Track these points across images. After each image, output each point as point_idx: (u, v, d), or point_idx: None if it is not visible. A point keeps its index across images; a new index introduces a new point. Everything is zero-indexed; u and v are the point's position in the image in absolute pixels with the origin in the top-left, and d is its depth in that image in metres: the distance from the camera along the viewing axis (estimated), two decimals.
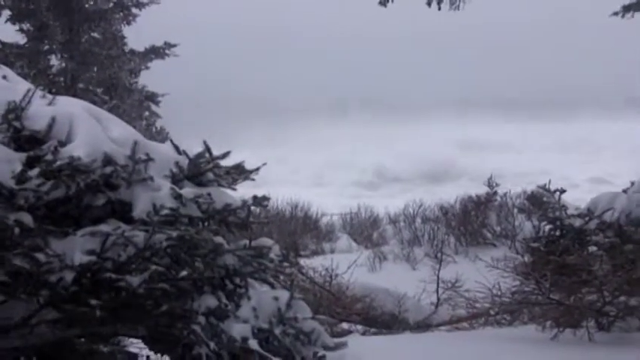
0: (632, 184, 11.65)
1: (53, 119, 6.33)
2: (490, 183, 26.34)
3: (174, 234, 6.17)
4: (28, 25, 28.70)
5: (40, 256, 5.74)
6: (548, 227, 11.04)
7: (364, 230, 30.96)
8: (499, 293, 11.77)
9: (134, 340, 7.36)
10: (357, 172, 60.88)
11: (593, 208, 10.80)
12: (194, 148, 7.02)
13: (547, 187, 11.19)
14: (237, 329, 6.68)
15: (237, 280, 6.86)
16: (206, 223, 6.77)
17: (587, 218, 10.56)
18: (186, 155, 6.95)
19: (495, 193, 26.22)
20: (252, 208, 7.05)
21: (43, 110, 6.48)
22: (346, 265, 16.14)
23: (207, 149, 6.96)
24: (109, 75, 29.14)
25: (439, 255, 18.08)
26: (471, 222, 25.41)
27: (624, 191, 11.26)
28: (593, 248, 10.35)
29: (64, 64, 28.93)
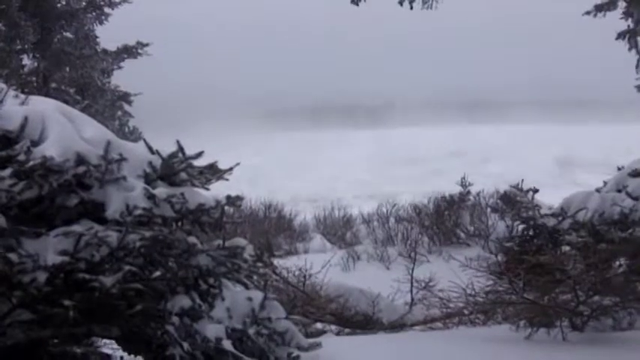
0: (605, 183, 11.70)
1: (26, 119, 6.31)
2: (463, 182, 26.34)
3: (148, 234, 6.16)
4: None
5: (13, 257, 5.72)
6: (521, 227, 11.08)
7: (338, 230, 30.92)
8: (473, 293, 11.78)
9: (107, 341, 7.33)
10: None
11: (567, 207, 10.85)
12: (167, 148, 7.01)
13: (520, 186, 11.23)
14: (211, 330, 6.68)
15: (211, 281, 6.85)
16: (179, 223, 6.77)
17: (560, 218, 10.60)
18: (160, 155, 6.93)
19: (469, 192, 26.22)
20: (226, 208, 7.04)
21: (16, 110, 6.46)
22: (320, 265, 16.07)
23: (181, 149, 6.95)
24: (81, 75, 29.05)
25: (413, 255, 18.07)
26: (444, 221, 25.44)
27: (597, 190, 11.31)
28: (566, 248, 10.39)
29: (36, 64, 28.85)
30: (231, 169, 7.27)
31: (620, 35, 18.41)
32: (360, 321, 14.41)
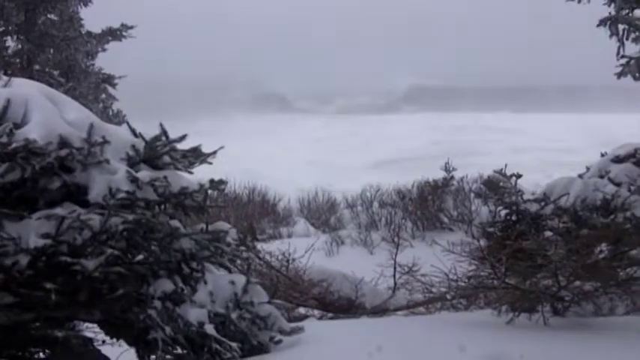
0: (588, 169, 11.74)
1: (8, 101, 6.28)
2: (447, 167, 26.31)
3: (131, 217, 6.15)
4: None
5: None
6: (504, 212, 11.08)
7: (322, 214, 30.89)
8: (455, 278, 11.77)
9: (89, 325, 7.32)
10: None
11: (549, 193, 10.85)
12: (151, 131, 7.00)
13: (503, 171, 11.23)
14: (194, 314, 6.69)
15: (194, 264, 6.85)
16: (163, 207, 6.76)
17: (543, 203, 10.61)
18: (143, 138, 6.92)
19: (452, 177, 26.18)
20: (209, 191, 7.04)
21: None
22: (303, 250, 16.06)
23: (164, 132, 6.93)
24: (65, 57, 28.86)
25: (396, 239, 18.07)
26: (428, 206, 25.43)
27: (580, 176, 11.34)
28: (548, 233, 10.40)
29: (20, 46, 28.63)
30: (214, 152, 7.26)
31: (602, 22, 18.35)
32: (342, 305, 14.42)
